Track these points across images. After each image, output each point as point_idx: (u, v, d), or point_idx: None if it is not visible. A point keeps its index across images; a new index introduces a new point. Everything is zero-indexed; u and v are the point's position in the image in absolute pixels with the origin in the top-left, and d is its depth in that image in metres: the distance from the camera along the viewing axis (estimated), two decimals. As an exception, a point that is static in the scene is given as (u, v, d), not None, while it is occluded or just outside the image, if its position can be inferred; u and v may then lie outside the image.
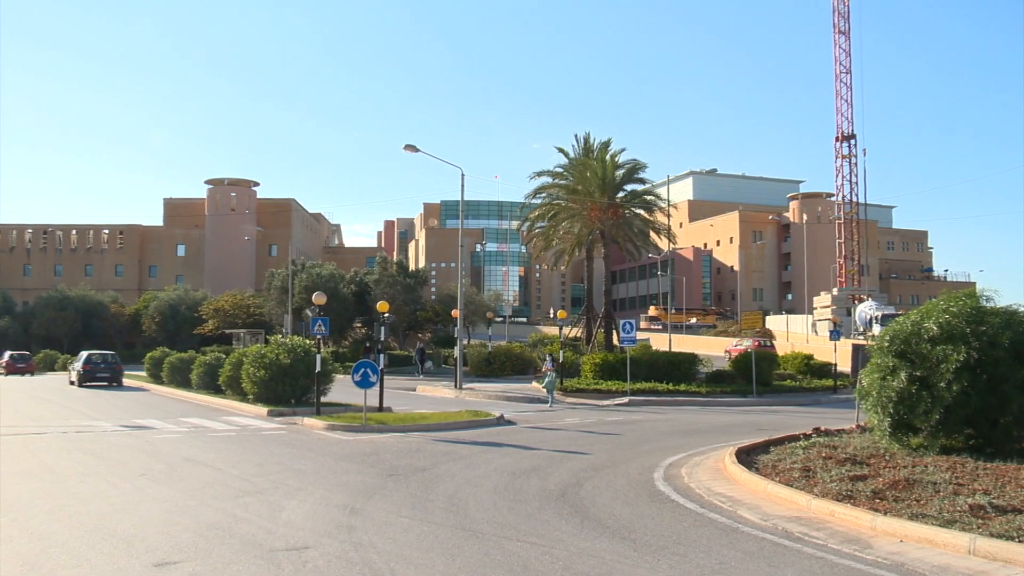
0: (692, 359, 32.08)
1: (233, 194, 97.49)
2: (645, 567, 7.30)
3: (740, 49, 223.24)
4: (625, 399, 27.03)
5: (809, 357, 38.08)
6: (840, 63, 73.00)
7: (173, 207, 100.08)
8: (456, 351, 33.50)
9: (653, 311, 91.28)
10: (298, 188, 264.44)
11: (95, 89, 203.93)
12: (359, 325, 60.99)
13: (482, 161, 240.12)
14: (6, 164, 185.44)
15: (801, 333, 65.82)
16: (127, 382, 39.29)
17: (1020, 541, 7.46)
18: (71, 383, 39.25)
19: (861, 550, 7.85)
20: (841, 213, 75.62)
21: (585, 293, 44.33)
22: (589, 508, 9.94)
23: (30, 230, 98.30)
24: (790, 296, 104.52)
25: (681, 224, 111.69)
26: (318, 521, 9.02)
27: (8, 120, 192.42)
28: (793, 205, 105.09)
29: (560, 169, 42.47)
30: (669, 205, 42.69)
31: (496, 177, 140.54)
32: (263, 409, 22.19)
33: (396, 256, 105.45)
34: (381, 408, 22.48)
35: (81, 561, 7.39)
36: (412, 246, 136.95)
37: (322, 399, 22.24)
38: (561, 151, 42.75)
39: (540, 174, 42.81)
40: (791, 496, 9.92)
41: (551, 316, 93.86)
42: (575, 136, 43.08)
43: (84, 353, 40.25)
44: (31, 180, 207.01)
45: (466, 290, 53.28)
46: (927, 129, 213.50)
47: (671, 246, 48.91)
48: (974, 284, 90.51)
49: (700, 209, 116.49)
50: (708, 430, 19.29)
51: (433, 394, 32.19)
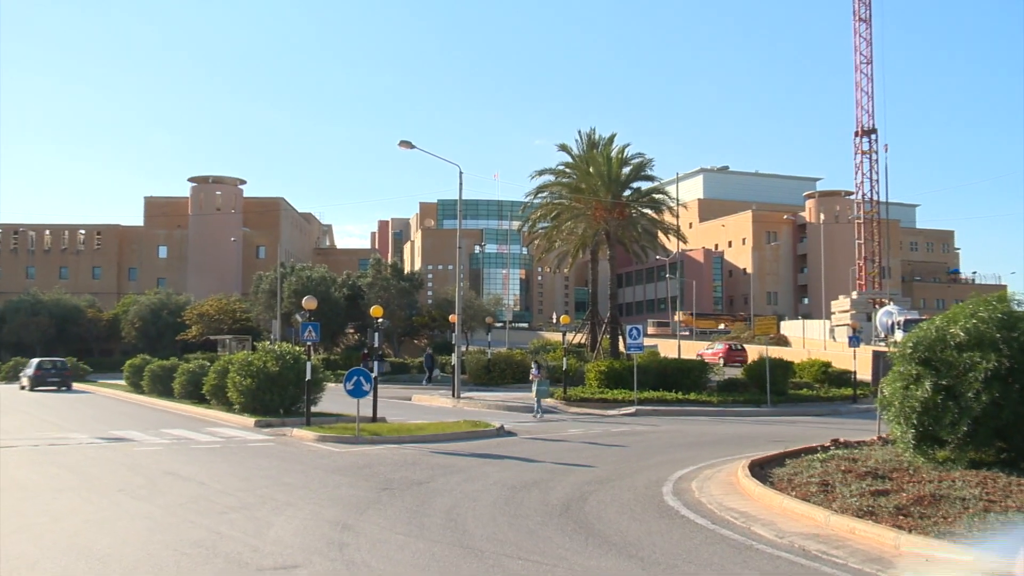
0: (703, 367, 32.09)
1: (218, 193, 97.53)
2: (654, 587, 7.26)
3: (753, 39, 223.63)
4: (632, 409, 27.02)
5: (827, 365, 38.05)
6: (860, 53, 72.59)
7: (154, 206, 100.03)
8: (454, 358, 33.47)
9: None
10: (287, 186, 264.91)
11: (69, 81, 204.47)
12: (351, 331, 60.94)
13: (481, 158, 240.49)
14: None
15: (818, 339, 65.74)
16: (97, 388, 39.83)
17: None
18: (21, 388, 42.61)
19: (884, 570, 7.79)
20: (861, 212, 75.29)
21: (590, 297, 44.32)
22: (594, 524, 9.90)
23: (0, 230, 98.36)
24: (806, 300, 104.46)
25: (691, 224, 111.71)
26: (308, 538, 8.99)
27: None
28: (809, 204, 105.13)
29: (563, 167, 42.48)
30: (678, 204, 42.71)
31: (496, 176, 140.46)
32: (250, 420, 22.16)
33: (391, 258, 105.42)
34: (375, 418, 22.44)
35: (55, 581, 7.35)
36: (407, 248, 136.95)
37: (313, 409, 22.20)
38: (564, 148, 42.77)
39: (542, 172, 42.84)
40: (808, 512, 9.87)
41: (554, 321, 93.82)
42: (578, 132, 43.12)
43: (35, 360, 44.12)
44: (1, 177, 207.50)
45: (464, 294, 53.24)
46: (953, 123, 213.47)
47: (680, 247, 49.03)
48: (1005, 287, 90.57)
49: (711, 208, 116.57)
50: (720, 441, 19.25)
51: (430, 403, 32.15)
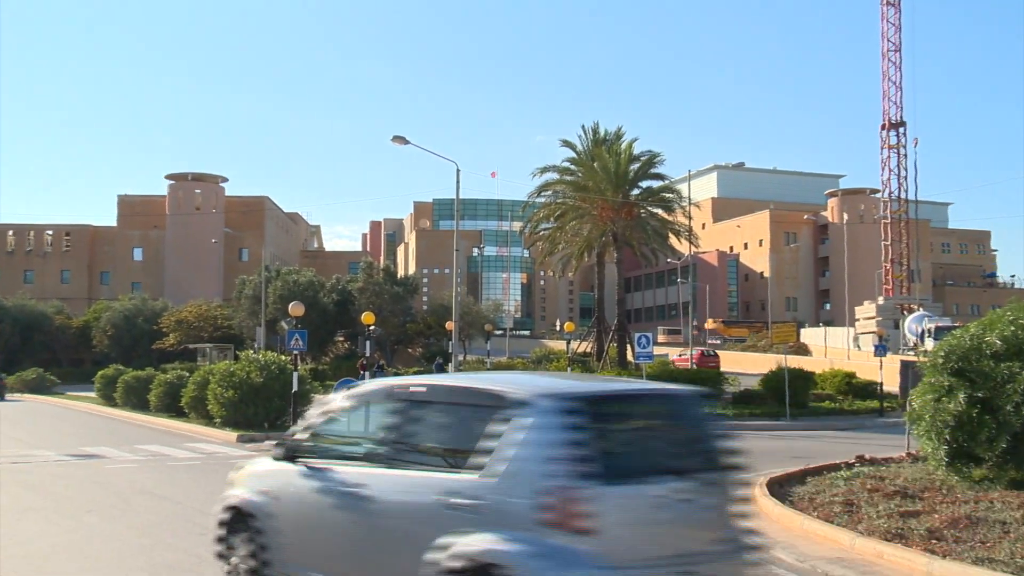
0: (716, 377, 32.04)
1: (198, 191, 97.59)
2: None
3: (770, 25, 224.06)
4: (641, 422, 26.91)
5: (850, 375, 37.93)
6: (888, 39, 72.12)
7: (128, 205, 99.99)
8: (451, 368, 33.44)
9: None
10: (272, 185, 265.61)
11: (35, 71, 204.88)
12: (341, 339, 60.94)
13: (480, 155, 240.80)
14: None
15: (841, 348, 65.68)
16: (66, 401, 39.60)
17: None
18: None
19: (914, 596, 7.71)
20: (888, 211, 74.98)
21: (596, 303, 44.31)
22: (601, 547, 9.78)
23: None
24: (828, 306, 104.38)
25: (704, 225, 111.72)
26: (291, 562, 8.89)
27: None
28: (832, 203, 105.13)
29: (567, 164, 42.49)
30: (690, 203, 42.62)
31: (494, 175, 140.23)
32: (232, 434, 22.10)
33: (383, 261, 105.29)
34: (365, 432, 22.36)
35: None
36: (401, 250, 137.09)
37: (299, 422, 22.12)
38: (568, 144, 42.80)
39: (545, 170, 42.89)
40: (832, 534, 9.80)
41: (557, 329, 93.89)
42: (583, 127, 43.17)
43: None
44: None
45: (462, 300, 53.22)
46: (990, 114, 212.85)
47: (692, 250, 48.98)
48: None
49: (726, 208, 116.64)
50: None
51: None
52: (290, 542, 6.33)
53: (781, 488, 12.84)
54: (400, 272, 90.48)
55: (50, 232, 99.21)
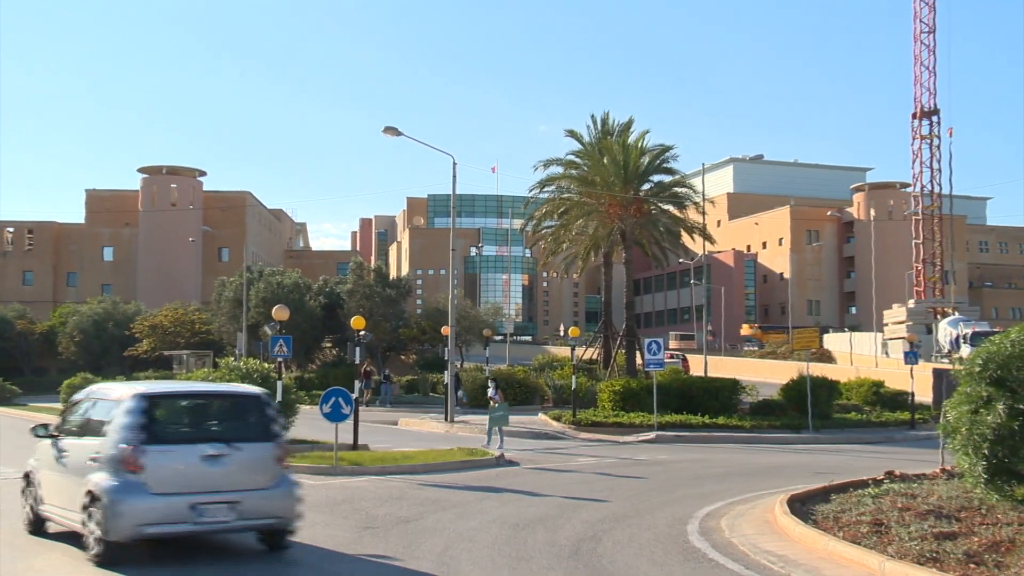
0: (733, 386, 32.11)
1: (173, 185, 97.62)
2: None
3: (789, 5, 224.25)
4: (651, 434, 27.06)
5: (878, 384, 38.03)
6: (921, 20, 71.42)
7: (98, 200, 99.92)
8: (446, 376, 33.48)
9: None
10: (254, 179, 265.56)
11: None
12: (329, 345, 60.92)
13: (478, 147, 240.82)
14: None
15: (868, 355, 65.69)
16: (26, 413, 39.77)
17: None
18: None
19: (946, 622, 7.74)
20: (919, 207, 74.64)
21: (602, 306, 44.30)
22: (608, 568, 9.87)
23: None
24: (854, 309, 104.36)
25: (719, 222, 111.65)
26: (276, 586, 9.05)
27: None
28: (858, 198, 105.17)
29: (572, 157, 42.53)
30: (705, 199, 42.73)
31: (493, 169, 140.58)
32: (210, 448, 22.13)
33: (374, 262, 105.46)
34: (356, 446, 22.42)
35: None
36: (393, 249, 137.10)
37: (284, 435, 22.15)
38: (573, 135, 42.84)
39: (548, 163, 42.92)
40: (859, 557, 9.82)
41: (561, 334, 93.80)
42: (590, 117, 43.16)
43: None
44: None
45: (459, 303, 53.17)
46: None
47: (707, 249, 49.04)
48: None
49: (742, 204, 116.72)
50: (753, 473, 19.21)
51: (419, 428, 32.14)
52: (43, 488, 11.12)
53: (803, 506, 12.87)
54: (392, 273, 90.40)
55: (11, 229, 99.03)
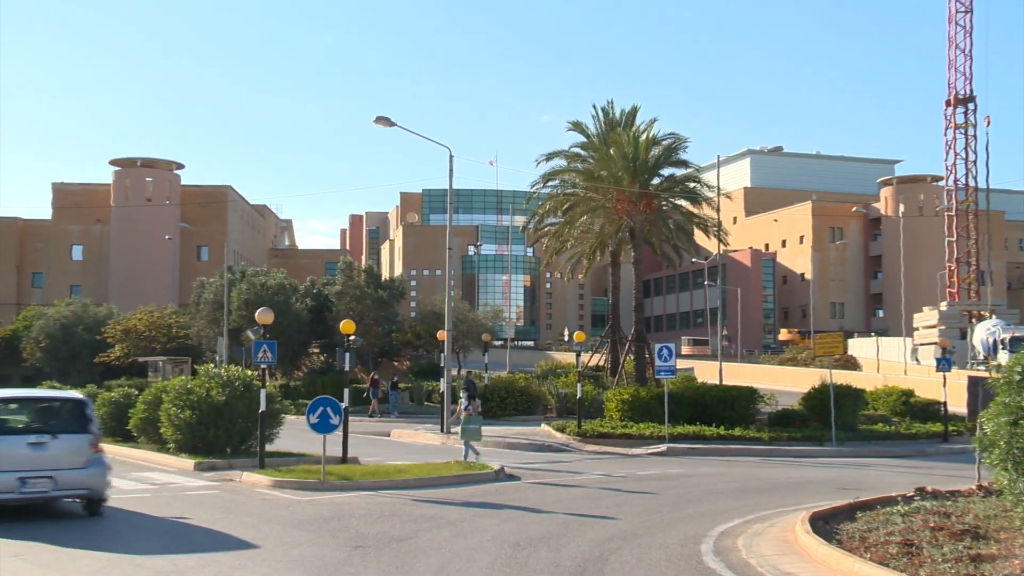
0: (750, 395, 32.12)
1: (148, 179, 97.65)
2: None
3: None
4: (662, 447, 27.09)
5: (908, 393, 37.99)
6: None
7: (66, 195, 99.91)
8: (442, 384, 33.47)
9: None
10: (236, 173, 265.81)
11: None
12: (316, 351, 60.95)
13: (476, 139, 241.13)
14: None
15: (897, 362, 65.67)
16: None
17: None
18: None
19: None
20: (953, 202, 74.25)
21: (610, 309, 44.33)
22: (617, 592, 9.84)
23: None
24: (881, 313, 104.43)
25: (735, 219, 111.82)
26: (260, 609, 9.09)
27: None
28: (885, 192, 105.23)
29: (577, 149, 42.60)
30: (720, 194, 42.76)
31: (492, 162, 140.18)
32: (188, 461, 22.14)
33: (365, 261, 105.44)
34: (345, 459, 22.42)
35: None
36: (385, 248, 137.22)
37: (268, 447, 22.19)
38: (578, 126, 42.90)
39: (551, 156, 43.00)
40: (887, 579, 9.81)
41: (566, 339, 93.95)
42: (595, 106, 43.25)
43: None
44: None
45: (456, 305, 53.25)
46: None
47: (722, 248, 49.06)
48: None
49: (760, 199, 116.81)
50: (772, 488, 19.21)
51: (413, 440, 32.14)
52: None
53: (826, 525, 12.87)
54: (384, 274, 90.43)
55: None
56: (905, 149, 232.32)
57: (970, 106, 71.34)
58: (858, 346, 76.26)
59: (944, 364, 33.15)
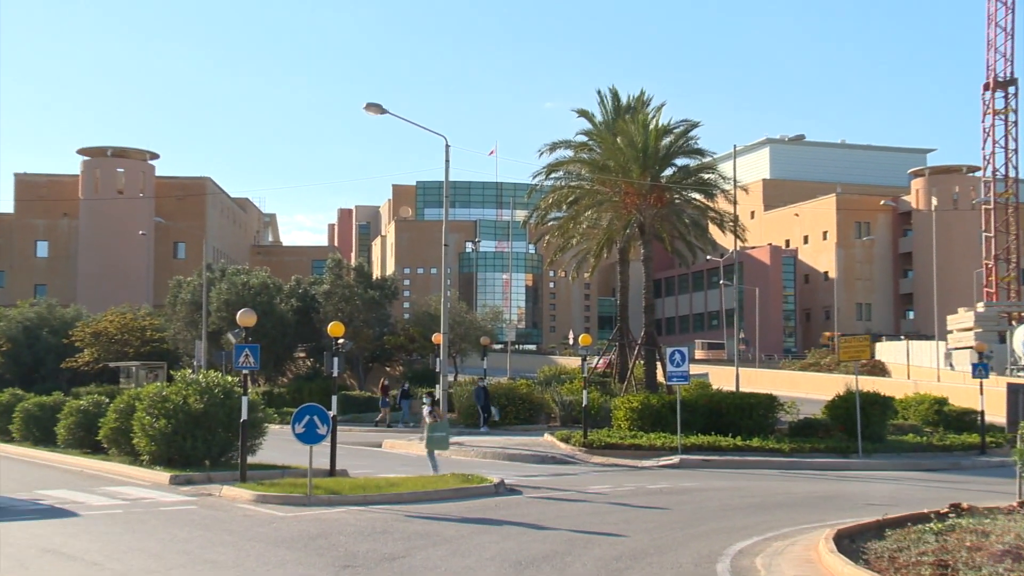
0: (769, 403, 32.14)
1: (120, 169, 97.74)
2: None
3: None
4: (674, 458, 27.12)
5: (942, 401, 37.97)
6: (997, -28, 70.53)
7: (30, 187, 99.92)
8: (438, 391, 33.48)
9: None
10: (215, 163, 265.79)
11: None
12: (302, 355, 60.95)
13: (475, 127, 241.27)
14: None
15: (929, 367, 65.65)
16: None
17: None
18: None
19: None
20: (991, 194, 74.05)
21: (618, 310, 44.31)
22: (627, 615, 9.85)
23: None
24: (911, 314, 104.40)
25: (753, 213, 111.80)
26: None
27: None
28: (917, 184, 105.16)
29: (582, 138, 42.62)
30: (737, 186, 42.63)
31: (492, 152, 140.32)
32: (164, 475, 22.14)
33: (355, 259, 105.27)
34: (333, 471, 22.43)
35: None
36: (377, 244, 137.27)
37: (250, 459, 22.23)
38: (584, 114, 42.95)
39: (555, 145, 42.96)
40: (919, 602, 9.80)
41: (570, 342, 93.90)
42: (602, 92, 43.23)
43: None
44: None
45: (452, 306, 53.23)
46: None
47: (739, 244, 48.92)
48: None
49: (780, 192, 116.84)
50: (793, 503, 19.23)
51: (406, 451, 32.16)
52: None
53: (852, 543, 12.87)
54: (376, 272, 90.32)
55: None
56: (938, 137, 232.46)
57: (1011, 90, 71.04)
58: (886, 350, 76.27)
59: (981, 370, 33.12)
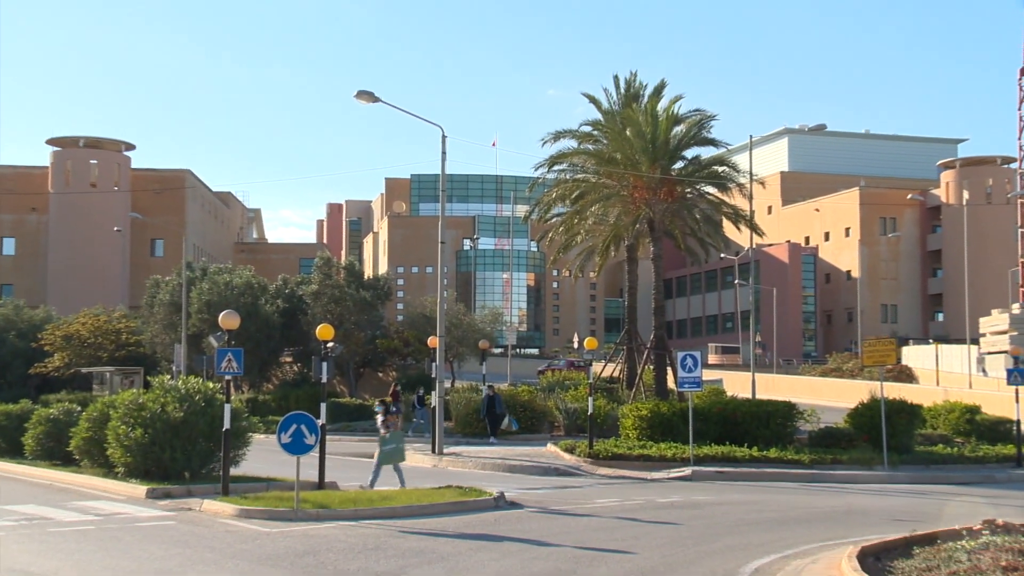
0: (788, 411, 32.10)
1: (93, 161, 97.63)
2: None
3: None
4: (686, 470, 27.13)
5: (973, 409, 37.92)
6: (1034, -50, 71.23)
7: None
8: (434, 398, 33.49)
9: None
10: (196, 155, 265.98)
11: None
12: (288, 359, 61.05)
13: (473, 117, 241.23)
14: None
15: (959, 373, 65.65)
16: None
17: None
18: None
19: None
20: (1027, 187, 74.63)
21: (626, 312, 44.30)
22: (636, 637, 9.87)
23: None
24: (940, 316, 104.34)
25: (770, 208, 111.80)
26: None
27: None
28: (946, 177, 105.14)
29: (589, 128, 42.58)
30: (753, 180, 42.70)
31: (494, 143, 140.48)
32: (140, 488, 22.14)
33: (345, 257, 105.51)
34: (322, 484, 22.46)
35: None
36: (369, 242, 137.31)
37: (233, 471, 22.23)
38: (592, 100, 42.93)
39: (559, 135, 42.94)
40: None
41: (575, 346, 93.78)
42: (612, 79, 43.24)
43: None
44: None
45: (449, 308, 53.21)
46: None
47: (755, 242, 48.98)
48: None
49: (800, 185, 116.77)
50: (814, 519, 19.24)
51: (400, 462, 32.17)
52: None
53: (878, 562, 12.87)
54: (368, 271, 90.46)
55: None
56: (970, 126, 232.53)
57: (1048, 75, 71.50)
58: (914, 355, 76.28)
59: (1016, 376, 33.05)
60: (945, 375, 66.32)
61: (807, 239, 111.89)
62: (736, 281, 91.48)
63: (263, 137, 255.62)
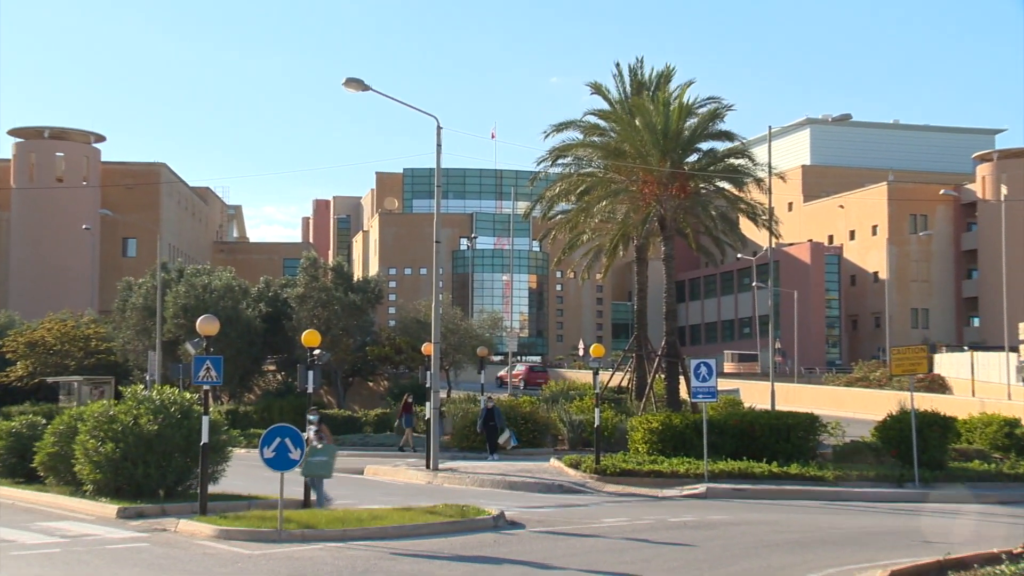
0: (810, 423, 32.10)
1: (60, 153, 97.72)
2: None
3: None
4: (700, 487, 27.12)
5: (1012, 423, 37.86)
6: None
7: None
8: (428, 409, 33.48)
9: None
10: (171, 148, 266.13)
11: None
12: (272, 368, 61.02)
13: (471, 106, 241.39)
14: None
15: (997, 383, 65.58)
16: None
17: None
18: None
19: None
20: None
21: (635, 317, 44.35)
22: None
23: None
24: (976, 321, 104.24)
25: (791, 204, 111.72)
26: None
27: None
28: (983, 170, 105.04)
29: (595, 119, 42.65)
30: (772, 174, 42.65)
31: (493, 134, 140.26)
32: (110, 507, 22.12)
33: (333, 257, 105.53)
34: (308, 502, 22.46)
35: None
36: (358, 241, 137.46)
37: (212, 488, 22.23)
38: (598, 89, 42.92)
39: (562, 126, 42.99)
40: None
41: (580, 353, 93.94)
42: (618, 66, 43.20)
43: None
44: None
45: (445, 312, 53.23)
46: None
47: (774, 241, 48.94)
48: None
49: (823, 180, 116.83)
50: (838, 540, 19.24)
51: (392, 479, 32.19)
52: None
53: (909, 587, 12.84)
54: (357, 273, 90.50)
55: None
56: (1008, 116, 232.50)
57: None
58: (947, 363, 76.18)
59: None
60: (981, 385, 66.25)
61: (831, 238, 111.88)
62: (754, 283, 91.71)
63: (245, 129, 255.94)
